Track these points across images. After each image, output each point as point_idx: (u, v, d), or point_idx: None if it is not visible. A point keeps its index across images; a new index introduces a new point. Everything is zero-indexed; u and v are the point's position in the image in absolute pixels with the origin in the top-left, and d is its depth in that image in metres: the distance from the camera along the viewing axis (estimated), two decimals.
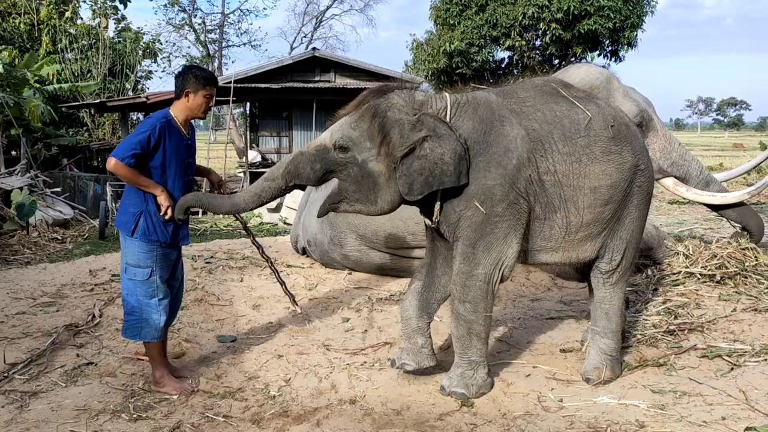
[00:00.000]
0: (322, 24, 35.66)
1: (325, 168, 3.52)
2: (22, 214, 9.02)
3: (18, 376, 4.01)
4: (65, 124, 18.98)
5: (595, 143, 3.62)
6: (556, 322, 5.09)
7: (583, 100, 3.76)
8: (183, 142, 3.80)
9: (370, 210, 3.62)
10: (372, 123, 3.41)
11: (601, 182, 3.63)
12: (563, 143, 3.58)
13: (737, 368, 3.95)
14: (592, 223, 3.69)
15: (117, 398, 3.73)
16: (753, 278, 5.28)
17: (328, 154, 3.50)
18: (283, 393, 3.84)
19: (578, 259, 3.85)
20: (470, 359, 3.71)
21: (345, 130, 3.48)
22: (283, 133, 16.44)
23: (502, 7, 20.09)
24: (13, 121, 12.02)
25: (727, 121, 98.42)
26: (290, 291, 4.64)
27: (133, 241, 3.72)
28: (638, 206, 3.84)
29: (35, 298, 5.71)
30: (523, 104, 3.67)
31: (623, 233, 3.83)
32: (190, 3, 31.24)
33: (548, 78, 4.07)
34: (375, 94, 3.55)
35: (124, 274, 3.80)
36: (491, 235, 3.51)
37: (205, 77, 3.78)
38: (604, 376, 3.87)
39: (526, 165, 3.51)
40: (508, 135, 3.52)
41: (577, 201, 3.62)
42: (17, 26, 18.95)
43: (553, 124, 3.61)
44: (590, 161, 3.60)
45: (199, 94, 3.75)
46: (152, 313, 3.77)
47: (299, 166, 3.54)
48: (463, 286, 3.59)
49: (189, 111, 3.79)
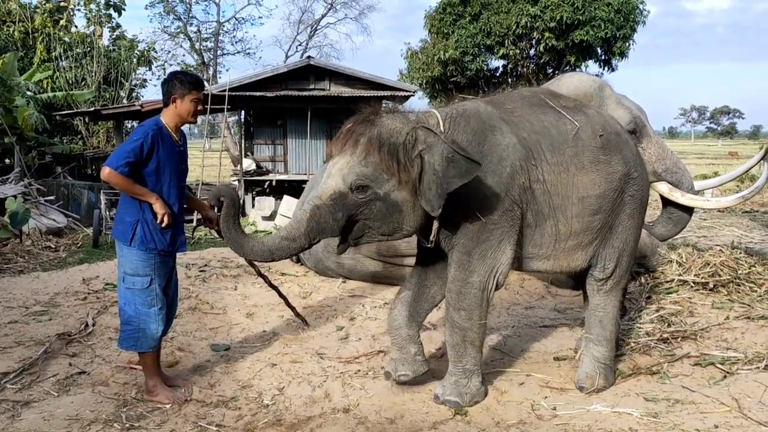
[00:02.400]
0: (317, 32, 35.68)
1: (347, 215, 3.36)
2: (16, 223, 8.98)
3: (10, 385, 3.99)
4: (59, 132, 18.92)
5: (582, 153, 3.64)
6: (550, 330, 5.10)
7: (572, 110, 3.79)
8: (175, 148, 3.79)
9: (395, 237, 3.57)
10: (382, 154, 3.29)
11: (589, 192, 3.65)
12: (551, 153, 3.60)
13: (730, 376, 3.96)
14: (581, 232, 3.71)
15: (109, 408, 3.71)
16: (746, 286, 5.30)
17: (346, 199, 3.34)
18: (276, 402, 3.83)
19: (570, 267, 3.86)
20: (464, 367, 3.71)
21: (357, 170, 3.32)
22: (278, 141, 16.42)
23: (495, 16, 20.17)
24: (6, 129, 11.99)
25: (720, 129, 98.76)
26: (300, 314, 4.66)
27: (131, 249, 3.70)
28: (631, 215, 3.85)
29: (28, 306, 5.69)
30: (512, 114, 3.69)
31: (615, 242, 3.84)
32: (186, 11, 31.26)
33: (536, 89, 4.10)
34: (366, 123, 3.39)
35: (122, 283, 3.76)
36: (486, 242, 3.51)
37: (190, 81, 3.76)
38: (598, 384, 3.88)
39: (518, 172, 3.52)
40: (500, 144, 3.53)
41: (566, 210, 3.64)
42: (11, 34, 18.89)
43: (541, 134, 3.63)
44: (578, 171, 3.62)
45: (186, 99, 3.73)
46: (150, 322, 3.75)
47: (321, 221, 3.36)
48: (459, 293, 3.59)
49: (178, 117, 3.77)
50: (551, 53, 20.47)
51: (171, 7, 30.24)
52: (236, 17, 33.29)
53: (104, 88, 19.88)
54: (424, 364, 3.94)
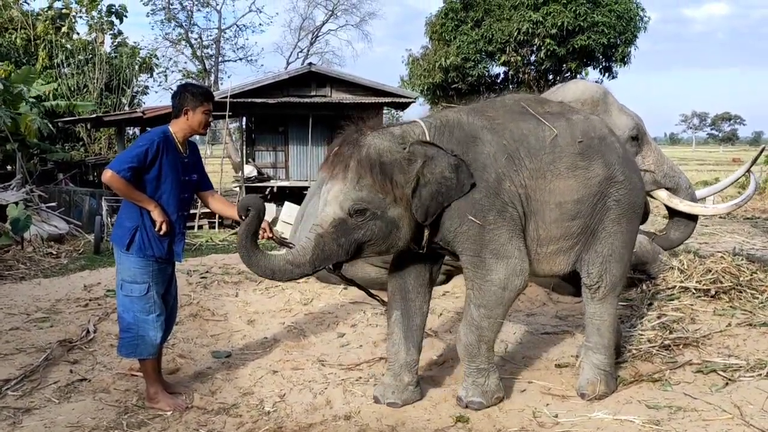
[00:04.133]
0: (318, 39, 35.79)
1: (349, 240, 3.43)
2: (17, 229, 9.00)
3: (11, 392, 3.99)
4: (61, 138, 18.97)
5: (560, 159, 3.68)
6: (552, 337, 5.09)
7: (554, 116, 3.81)
8: (180, 159, 3.80)
9: (392, 251, 3.67)
10: (374, 175, 3.34)
11: (566, 197, 3.67)
12: (529, 159, 3.64)
13: (732, 383, 3.95)
14: (561, 238, 3.74)
15: (110, 415, 3.71)
16: (748, 293, 5.30)
17: (346, 224, 3.40)
18: (277, 409, 3.82)
19: (552, 272, 3.89)
20: (479, 367, 3.73)
21: (352, 195, 3.38)
22: (279, 147, 16.44)
23: (497, 23, 20.22)
24: (8, 136, 12.02)
25: (721, 135, 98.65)
26: None
27: (129, 256, 3.71)
28: (617, 221, 3.82)
29: (29, 313, 5.69)
30: (493, 122, 3.73)
31: (599, 247, 3.83)
32: (187, 18, 31.36)
33: (519, 96, 4.12)
34: (351, 145, 3.43)
35: (120, 290, 3.77)
36: (494, 242, 3.54)
37: (202, 93, 3.80)
38: (599, 392, 3.87)
39: (503, 179, 3.57)
40: (483, 152, 3.59)
41: (544, 215, 3.68)
42: (13, 41, 18.97)
43: (520, 141, 3.67)
44: (554, 177, 3.66)
45: (198, 110, 3.76)
46: (149, 329, 3.75)
47: (326, 249, 3.43)
48: (480, 290, 3.62)
49: (189, 128, 3.80)
50: (552, 59, 20.51)
51: (172, 15, 30.36)
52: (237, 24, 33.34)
53: (106, 95, 19.94)
54: (416, 392, 3.91)
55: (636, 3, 20.38)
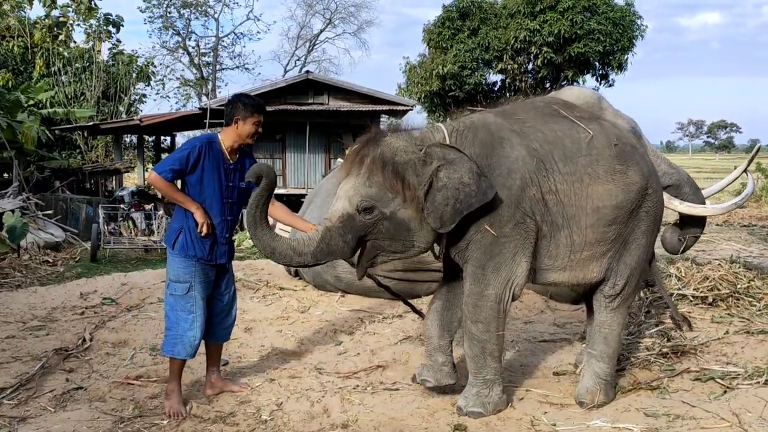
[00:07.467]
0: (315, 47, 35.94)
1: (356, 236, 3.44)
2: (14, 237, 8.97)
3: (6, 401, 3.96)
4: (58, 146, 18.96)
5: (597, 162, 3.60)
6: (549, 344, 5.08)
7: (587, 120, 3.76)
8: (224, 165, 3.88)
9: (408, 255, 3.63)
10: (385, 173, 3.34)
11: (605, 202, 3.59)
12: (564, 163, 3.57)
13: (730, 391, 3.94)
14: (596, 243, 3.65)
15: (106, 423, 3.68)
16: (745, 300, 5.30)
17: (354, 221, 3.41)
18: (274, 417, 3.80)
19: (585, 279, 3.79)
20: (485, 378, 3.71)
21: (362, 191, 3.39)
22: (277, 155, 16.45)
23: (494, 31, 20.32)
24: (5, 143, 12.00)
25: (717, 143, 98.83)
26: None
27: (174, 256, 3.86)
28: (645, 233, 3.79)
29: (25, 321, 5.67)
30: (524, 124, 3.67)
31: (628, 259, 3.78)
32: (184, 26, 31.45)
33: (550, 98, 4.07)
34: (371, 144, 3.45)
35: (167, 288, 3.91)
36: (500, 255, 3.51)
37: (253, 105, 3.88)
38: (598, 400, 3.85)
39: (529, 185, 3.50)
40: (509, 156, 3.52)
41: (580, 220, 3.59)
42: (11, 49, 19.01)
43: (554, 144, 3.60)
44: (592, 180, 3.58)
45: (249, 121, 3.84)
46: (188, 329, 3.84)
47: (331, 243, 3.44)
48: (475, 306, 3.59)
49: (238, 137, 3.89)
50: (549, 67, 20.59)
51: (170, 23, 30.44)
52: (235, 32, 33.50)
53: (103, 103, 19.97)
54: (449, 375, 3.94)
55: (632, 11, 20.50)
